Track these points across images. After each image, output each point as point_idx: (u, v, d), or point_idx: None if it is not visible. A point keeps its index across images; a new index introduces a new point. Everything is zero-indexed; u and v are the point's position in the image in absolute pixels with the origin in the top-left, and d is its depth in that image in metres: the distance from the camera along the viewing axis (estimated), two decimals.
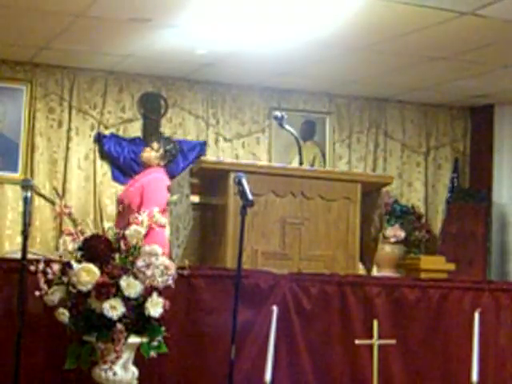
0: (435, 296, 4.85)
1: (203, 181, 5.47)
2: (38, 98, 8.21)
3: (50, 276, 3.77)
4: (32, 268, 3.76)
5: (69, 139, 8.27)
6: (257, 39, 7.08)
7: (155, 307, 3.81)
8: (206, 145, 8.73)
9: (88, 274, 3.73)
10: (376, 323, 4.47)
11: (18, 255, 3.87)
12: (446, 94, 9.03)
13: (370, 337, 4.47)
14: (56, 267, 3.80)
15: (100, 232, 3.95)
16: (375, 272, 7.31)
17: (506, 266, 9.20)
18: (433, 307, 4.84)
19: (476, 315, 4.66)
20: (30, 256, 3.95)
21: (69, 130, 8.28)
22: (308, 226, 5.35)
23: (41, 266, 3.76)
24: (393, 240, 8.80)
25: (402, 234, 8.89)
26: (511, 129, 9.34)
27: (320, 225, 5.38)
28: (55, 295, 3.78)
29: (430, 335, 4.82)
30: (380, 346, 4.47)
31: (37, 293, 3.75)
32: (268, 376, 4.20)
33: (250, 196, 4.07)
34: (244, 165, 5.71)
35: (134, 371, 3.90)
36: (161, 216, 4.01)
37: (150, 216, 4.00)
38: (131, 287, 3.75)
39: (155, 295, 3.81)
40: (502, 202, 9.27)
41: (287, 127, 5.87)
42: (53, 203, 8.10)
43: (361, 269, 5.70)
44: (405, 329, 4.77)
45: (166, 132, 8.59)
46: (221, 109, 8.84)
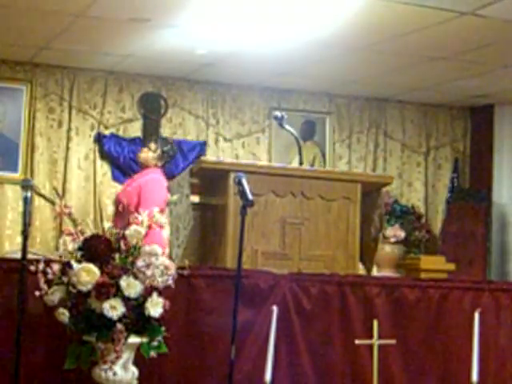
0: (435, 296, 4.85)
1: (203, 181, 5.47)
2: (38, 98, 8.21)
3: (50, 276, 3.77)
4: (32, 268, 3.76)
5: (69, 139, 8.27)
6: (257, 39, 7.08)
7: (155, 307, 3.81)
8: (206, 145, 8.72)
9: (88, 274, 3.73)
10: (376, 323, 4.47)
11: (18, 255, 3.88)
12: (446, 94, 9.03)
13: (370, 337, 4.47)
14: (56, 267, 3.80)
15: (100, 232, 3.95)
16: (375, 272, 7.31)
17: (506, 266, 9.19)
18: (433, 307, 4.84)
19: (476, 315, 4.66)
20: (30, 256, 3.96)
21: (69, 130, 8.28)
22: (308, 226, 5.35)
23: (41, 266, 3.76)
24: (393, 240, 8.80)
25: (402, 234, 8.89)
26: (511, 129, 9.34)
27: (320, 225, 5.38)
28: (55, 295, 3.78)
29: (430, 335, 4.82)
30: (380, 346, 4.47)
31: (37, 293, 3.75)
32: (268, 376, 4.20)
33: (250, 196, 4.07)
34: (244, 165, 5.72)
35: (134, 371, 3.90)
36: (161, 216, 4.02)
37: (150, 216, 4.01)
38: (131, 287, 3.75)
39: (155, 295, 3.81)
40: (502, 202, 9.27)
41: (287, 127, 5.87)
42: (53, 203, 8.09)
43: (361, 269, 5.70)
44: (405, 329, 4.77)
45: (166, 132, 8.59)
46: (221, 109, 8.84)
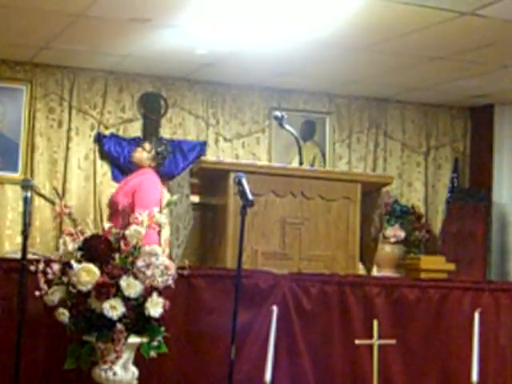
0: (435, 296, 4.85)
1: (203, 181, 5.47)
2: (38, 98, 8.20)
3: (50, 276, 3.77)
4: (32, 268, 3.76)
5: (69, 139, 8.26)
6: (257, 39, 7.08)
7: (155, 307, 3.81)
8: (206, 145, 8.72)
9: (88, 274, 3.73)
10: (376, 323, 4.47)
11: (18, 255, 3.88)
12: (446, 94, 9.02)
13: (370, 337, 4.47)
14: (56, 267, 3.80)
15: (100, 232, 3.95)
16: (375, 272, 7.31)
17: (506, 266, 9.19)
18: (433, 307, 4.84)
19: (476, 315, 4.66)
20: (30, 256, 3.96)
21: (69, 130, 8.27)
22: (308, 226, 5.35)
23: (41, 266, 3.77)
24: (393, 240, 8.80)
25: (402, 234, 8.89)
26: (511, 129, 9.34)
27: (320, 225, 5.38)
28: (55, 295, 3.78)
29: (430, 335, 4.82)
30: (380, 346, 4.47)
31: (37, 293, 3.75)
32: (268, 376, 4.20)
33: (250, 196, 4.07)
34: (244, 165, 5.72)
35: (134, 371, 3.90)
36: (161, 216, 4.02)
37: (150, 216, 4.01)
38: (131, 287, 3.75)
39: (155, 295, 3.81)
40: (502, 202, 9.27)
41: (287, 127, 5.87)
42: (53, 203, 8.09)
43: (361, 269, 5.70)
44: (405, 329, 4.77)
45: (166, 132, 8.60)
46: (221, 109, 8.84)
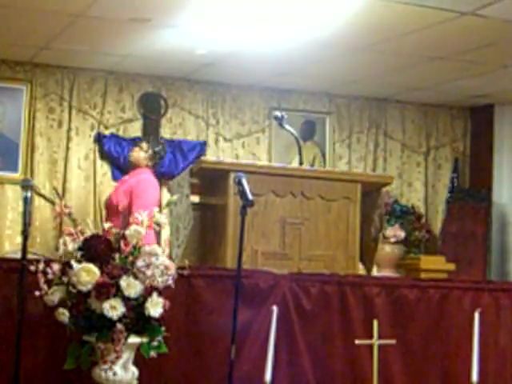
0: (435, 296, 4.85)
1: (203, 181, 5.47)
2: (38, 98, 8.20)
3: (50, 276, 3.77)
4: (32, 268, 3.76)
5: (69, 139, 8.26)
6: (257, 39, 7.08)
7: (155, 307, 3.81)
8: (206, 145, 8.72)
9: (88, 274, 3.73)
10: (376, 323, 4.47)
11: (18, 255, 3.88)
12: (446, 94, 9.02)
13: (370, 337, 4.47)
14: (56, 267, 3.80)
15: (100, 232, 3.95)
16: (375, 272, 7.31)
17: (506, 266, 9.19)
18: (433, 307, 4.84)
19: (476, 315, 4.66)
20: (30, 256, 3.96)
21: (69, 130, 8.27)
22: (308, 226, 5.35)
23: (41, 266, 3.76)
24: (393, 240, 8.80)
25: (402, 234, 8.89)
26: (511, 129, 9.34)
27: (320, 225, 5.38)
28: (55, 295, 3.78)
29: (430, 335, 4.82)
30: (380, 346, 4.47)
31: (37, 293, 3.75)
32: (268, 376, 4.20)
33: (250, 196, 4.07)
34: (244, 165, 5.72)
35: (134, 371, 3.90)
36: (161, 216, 4.02)
37: (150, 216, 4.01)
38: (131, 287, 3.75)
39: (155, 295, 3.81)
40: (502, 202, 9.27)
41: (287, 127, 5.88)
42: (53, 203, 8.09)
43: (361, 269, 5.70)
44: (405, 329, 4.77)
45: (166, 132, 8.59)
46: (221, 109, 8.83)
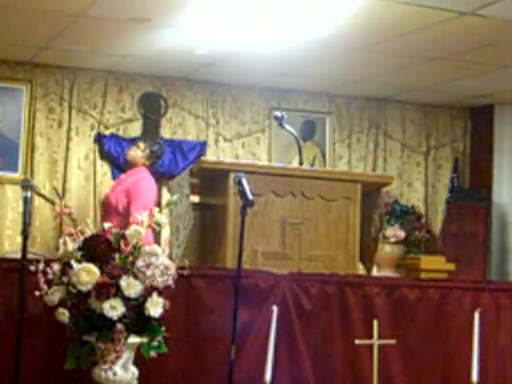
0: (435, 296, 4.85)
1: (203, 181, 5.47)
2: (38, 98, 8.20)
3: (50, 276, 3.77)
4: (32, 268, 3.76)
5: (69, 139, 8.26)
6: (257, 39, 7.08)
7: (155, 307, 3.81)
8: (206, 145, 8.72)
9: (88, 274, 3.73)
10: (376, 323, 4.47)
11: (18, 255, 3.88)
12: (446, 94, 9.02)
13: (370, 337, 4.47)
14: (56, 267, 3.80)
15: (98, 231, 3.95)
16: (375, 272, 7.31)
17: (506, 266, 9.19)
18: (433, 307, 4.84)
19: (476, 315, 4.66)
20: (30, 256, 3.96)
21: (69, 130, 8.27)
22: (308, 226, 5.35)
23: (41, 266, 3.77)
24: (393, 240, 8.80)
25: (402, 234, 8.89)
26: (511, 129, 9.33)
27: (320, 225, 5.38)
28: (55, 295, 3.79)
29: (430, 335, 4.82)
30: (380, 346, 4.47)
31: (37, 293, 3.75)
32: (268, 376, 4.20)
33: (250, 196, 4.08)
34: (244, 165, 5.72)
35: (134, 371, 3.90)
36: (161, 216, 4.02)
37: (149, 216, 4.01)
38: (131, 287, 3.75)
39: (155, 295, 3.81)
40: (502, 202, 9.26)
41: (287, 127, 5.88)
42: (53, 203, 8.09)
43: (361, 269, 5.70)
44: (405, 329, 4.77)
45: (166, 132, 8.60)
46: (221, 109, 8.83)
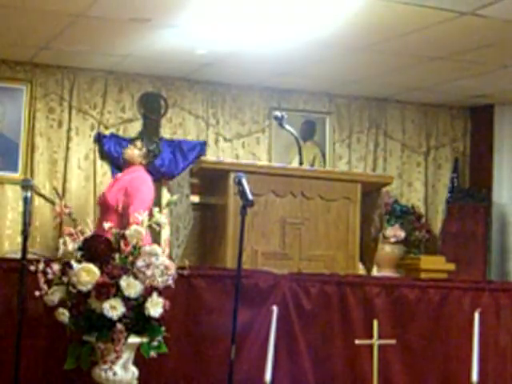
0: (435, 296, 4.85)
1: (203, 181, 5.48)
2: (38, 98, 8.20)
3: (50, 276, 3.78)
4: (32, 268, 3.76)
5: (69, 139, 8.26)
6: (257, 39, 7.08)
7: (155, 307, 3.81)
8: (206, 145, 8.72)
9: (88, 274, 3.73)
10: (376, 323, 4.47)
11: (18, 255, 3.88)
12: (446, 94, 9.02)
13: (370, 337, 4.47)
14: (56, 267, 3.80)
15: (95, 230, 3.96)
16: (375, 272, 7.31)
17: (506, 266, 9.19)
18: (433, 307, 4.84)
19: (476, 315, 4.66)
20: (30, 256, 3.96)
21: (69, 130, 8.27)
22: (308, 226, 5.35)
23: (41, 266, 3.77)
24: (393, 240, 8.80)
25: (402, 234, 8.89)
26: (511, 129, 9.33)
27: (320, 225, 5.38)
28: (55, 295, 3.79)
29: (430, 335, 4.82)
30: (380, 346, 4.47)
31: (37, 293, 3.75)
32: (268, 376, 4.20)
33: (250, 196, 4.08)
34: (244, 165, 5.72)
35: (134, 371, 3.90)
36: (161, 216, 4.02)
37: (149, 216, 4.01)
38: (131, 287, 3.75)
39: (155, 295, 3.81)
40: (502, 202, 9.26)
41: (287, 127, 5.88)
42: (53, 203, 8.08)
43: (361, 269, 5.70)
44: (405, 329, 4.77)
45: (166, 132, 8.60)
46: (221, 109, 8.83)
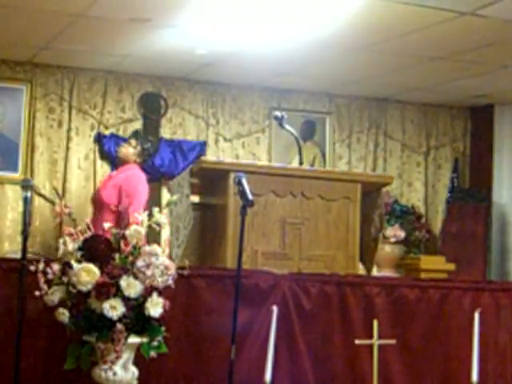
0: (435, 296, 4.85)
1: (203, 181, 5.48)
2: (38, 98, 8.20)
3: (50, 276, 3.78)
4: (32, 268, 3.76)
5: (69, 139, 8.26)
6: (257, 39, 7.08)
7: (155, 307, 3.81)
8: (206, 145, 8.72)
9: (88, 274, 3.73)
10: (376, 323, 4.47)
11: (18, 255, 3.88)
12: (446, 94, 9.02)
13: (370, 337, 4.47)
14: (56, 267, 3.80)
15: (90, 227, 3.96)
16: (375, 272, 7.31)
17: (506, 266, 9.19)
18: (433, 307, 4.84)
19: (476, 315, 4.66)
20: (30, 256, 3.96)
21: (69, 130, 8.27)
22: (308, 226, 5.35)
23: (41, 266, 3.77)
24: (393, 240, 8.80)
25: (402, 234, 8.88)
26: (511, 129, 9.33)
27: (320, 225, 5.38)
28: (55, 295, 3.79)
29: (430, 335, 4.82)
30: (380, 346, 4.47)
31: (37, 293, 3.75)
32: (268, 376, 4.20)
33: (250, 196, 4.08)
34: (244, 165, 5.72)
35: (134, 371, 3.90)
36: (161, 215, 4.02)
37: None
38: (131, 287, 3.75)
39: (155, 295, 3.81)
40: (502, 202, 9.26)
41: (287, 127, 5.88)
42: (53, 203, 8.09)
43: (361, 269, 5.70)
44: (405, 329, 4.77)
45: (166, 132, 8.60)
46: (221, 109, 8.83)
